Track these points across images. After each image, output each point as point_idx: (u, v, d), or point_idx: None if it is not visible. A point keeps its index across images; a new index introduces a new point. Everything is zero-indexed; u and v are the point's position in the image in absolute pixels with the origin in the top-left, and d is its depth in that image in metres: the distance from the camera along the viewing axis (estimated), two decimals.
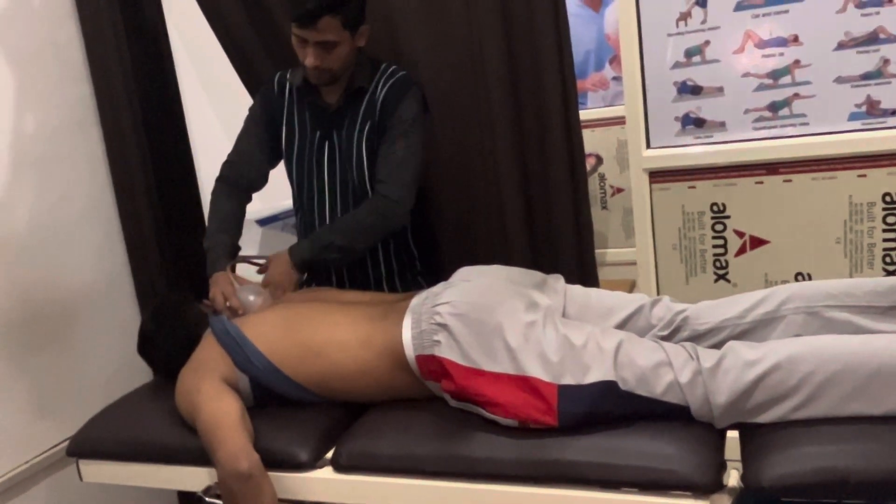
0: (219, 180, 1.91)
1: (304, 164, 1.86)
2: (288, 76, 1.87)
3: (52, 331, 1.99)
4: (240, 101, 2.13)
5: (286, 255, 1.77)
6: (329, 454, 1.45)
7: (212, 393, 1.45)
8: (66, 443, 1.67)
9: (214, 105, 2.55)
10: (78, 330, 2.06)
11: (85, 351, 2.08)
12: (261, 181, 1.94)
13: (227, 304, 1.68)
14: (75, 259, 2.07)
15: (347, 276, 1.91)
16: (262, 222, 2.47)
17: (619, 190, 2.84)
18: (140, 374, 1.90)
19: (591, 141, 2.76)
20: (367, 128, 1.78)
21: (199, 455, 1.43)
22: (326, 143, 1.82)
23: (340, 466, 1.42)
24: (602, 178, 2.86)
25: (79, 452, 1.64)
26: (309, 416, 1.50)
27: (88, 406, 1.76)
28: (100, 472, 1.64)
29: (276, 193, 2.08)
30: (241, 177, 1.90)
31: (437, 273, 1.86)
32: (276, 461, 1.41)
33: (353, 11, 1.68)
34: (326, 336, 1.50)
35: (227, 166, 1.92)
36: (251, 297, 1.70)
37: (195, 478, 1.50)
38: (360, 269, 1.89)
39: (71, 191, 2.07)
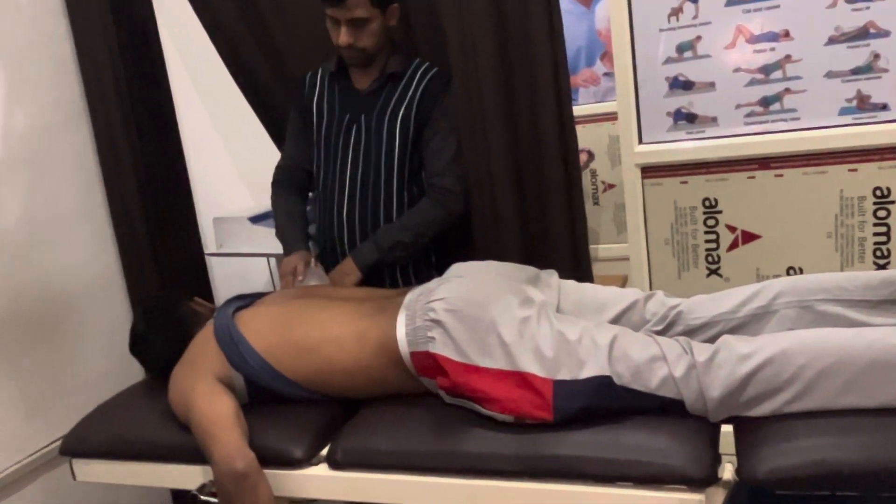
0: (273, 184, 2.00)
1: (330, 146, 1.88)
2: (320, 68, 1.93)
3: (43, 330, 1.98)
4: (231, 97, 2.13)
5: (350, 262, 1.81)
6: (324, 451, 1.45)
7: (206, 392, 1.45)
8: (59, 442, 1.66)
9: (205, 101, 2.54)
10: (70, 329, 2.05)
11: (77, 350, 2.06)
12: (310, 182, 2.00)
13: (295, 270, 1.76)
14: (66, 258, 2.05)
15: None
16: (255, 220, 2.46)
17: (611, 186, 2.84)
18: (132, 372, 1.89)
19: (583, 137, 2.73)
20: (400, 113, 1.81)
21: (193, 453, 1.42)
22: (354, 126, 1.85)
23: (336, 463, 1.42)
24: (594, 174, 2.86)
25: (72, 451, 1.64)
26: (304, 413, 1.50)
27: (81, 405, 1.75)
28: (93, 471, 1.63)
29: (268, 191, 2.06)
30: (293, 178, 1.99)
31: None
32: (271, 459, 1.41)
33: None
34: (321, 333, 1.49)
35: (278, 171, 2.01)
36: (313, 281, 1.77)
37: (189, 476, 1.50)
38: None
39: (61, 189, 2.05)
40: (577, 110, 2.73)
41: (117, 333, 2.00)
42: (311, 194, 2.03)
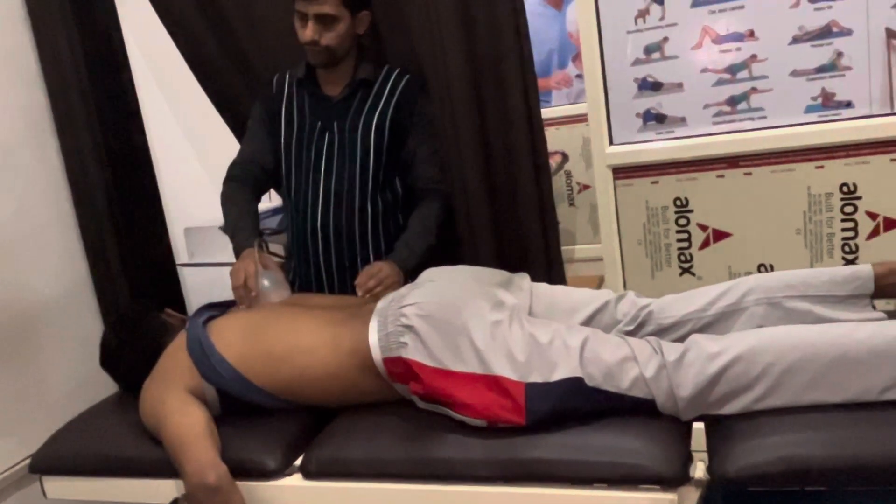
0: (226, 181, 1.90)
1: (301, 154, 1.85)
2: (288, 73, 1.90)
3: (12, 345, 1.94)
4: (200, 105, 2.11)
5: (392, 263, 1.72)
6: (298, 461, 1.44)
7: (177, 405, 1.43)
8: (29, 459, 1.63)
9: (174, 109, 2.52)
10: (39, 343, 2.01)
11: (47, 365, 2.03)
12: (268, 181, 1.94)
13: (246, 283, 1.63)
14: (35, 271, 2.02)
15: (338, 277, 1.88)
16: None
17: (586, 187, 2.85)
18: (104, 387, 1.86)
19: (557, 138, 2.78)
20: (375, 119, 1.80)
21: (166, 467, 1.41)
22: (327, 134, 1.83)
23: (309, 473, 1.41)
24: (568, 175, 2.87)
25: (42, 469, 1.61)
26: (277, 423, 1.49)
27: (51, 421, 1.72)
28: (64, 488, 1.61)
29: None
30: (248, 176, 1.90)
31: None
32: (244, 470, 1.39)
33: None
34: (293, 342, 1.48)
35: (232, 168, 1.92)
36: (266, 283, 1.65)
37: (162, 490, 1.48)
38: (352, 270, 1.85)
39: (28, 201, 2.02)
40: (551, 112, 2.75)
41: (88, 347, 1.96)
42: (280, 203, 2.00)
